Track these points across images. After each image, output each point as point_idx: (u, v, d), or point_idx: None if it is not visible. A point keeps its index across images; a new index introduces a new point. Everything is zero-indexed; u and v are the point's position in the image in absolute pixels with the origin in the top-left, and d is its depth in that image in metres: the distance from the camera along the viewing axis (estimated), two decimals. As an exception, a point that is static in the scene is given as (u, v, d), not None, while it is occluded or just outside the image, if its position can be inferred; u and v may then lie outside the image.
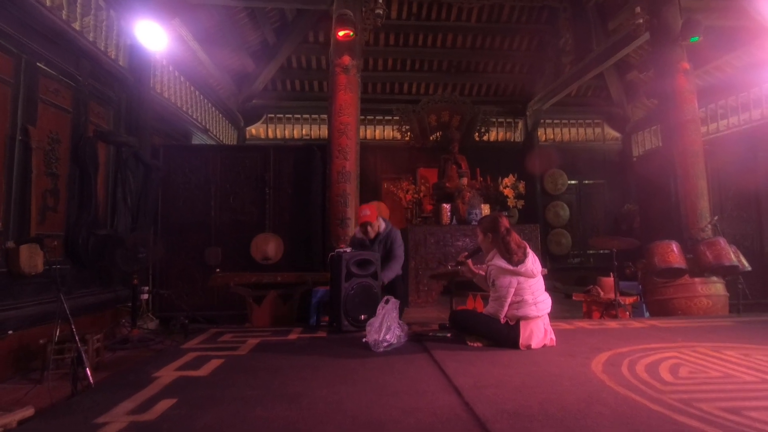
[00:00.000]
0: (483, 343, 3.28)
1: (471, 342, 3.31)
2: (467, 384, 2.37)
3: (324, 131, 8.80)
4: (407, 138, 9.34)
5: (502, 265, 3.21)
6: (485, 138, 9.61)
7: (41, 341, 2.99)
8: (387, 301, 3.36)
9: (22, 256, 3.24)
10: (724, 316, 4.88)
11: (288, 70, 9.54)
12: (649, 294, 5.28)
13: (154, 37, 4.96)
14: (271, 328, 4.24)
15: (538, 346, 3.18)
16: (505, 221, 3.38)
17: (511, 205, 7.17)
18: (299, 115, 9.87)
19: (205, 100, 7.77)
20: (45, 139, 3.72)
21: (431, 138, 9.25)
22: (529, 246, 3.36)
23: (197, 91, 7.42)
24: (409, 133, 9.29)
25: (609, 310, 4.76)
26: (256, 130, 9.77)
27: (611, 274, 4.80)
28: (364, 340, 3.28)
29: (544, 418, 1.92)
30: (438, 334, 3.63)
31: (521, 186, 7.32)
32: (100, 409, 2.10)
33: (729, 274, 5.17)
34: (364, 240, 4.33)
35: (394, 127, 9.60)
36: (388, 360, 2.95)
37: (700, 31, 5.42)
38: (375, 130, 10.00)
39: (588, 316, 5.12)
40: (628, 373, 2.54)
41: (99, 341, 3.27)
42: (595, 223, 9.95)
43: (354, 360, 2.96)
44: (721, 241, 5.16)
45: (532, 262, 3.24)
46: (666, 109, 5.87)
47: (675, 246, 5.12)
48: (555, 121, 10.28)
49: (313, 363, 2.90)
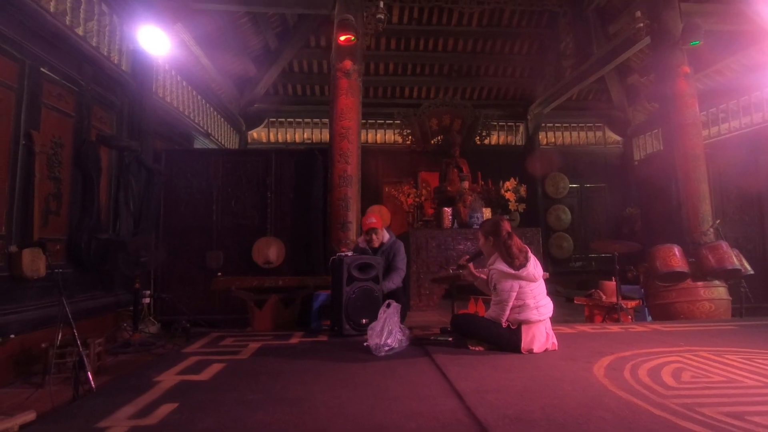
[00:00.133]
0: (484, 348, 3.27)
1: (472, 346, 3.30)
2: (469, 388, 2.36)
3: (325, 135, 8.81)
4: (408, 142, 9.35)
5: (503, 269, 3.21)
6: (486, 142, 9.63)
7: (43, 345, 3.00)
8: (388, 305, 3.36)
9: (25, 260, 3.25)
10: (727, 320, 4.87)
11: (289, 75, 9.58)
12: (652, 298, 5.27)
13: (156, 42, 4.99)
14: (272, 332, 4.23)
15: (539, 351, 3.17)
16: (506, 225, 3.37)
17: (512, 209, 7.17)
18: (301, 120, 9.91)
19: (207, 105, 7.80)
20: (48, 143, 3.74)
21: (432, 142, 9.25)
22: (530, 250, 3.35)
23: (199, 96, 7.45)
24: (410, 137, 9.29)
25: (611, 313, 4.75)
26: (258, 134, 9.80)
27: (613, 278, 4.79)
28: (365, 344, 3.27)
29: (546, 423, 1.92)
30: (439, 338, 3.62)
31: (522, 189, 7.32)
32: (102, 414, 2.10)
33: (731, 277, 5.16)
34: (366, 250, 4.32)
35: (396, 131, 9.62)
36: (390, 364, 2.94)
37: (700, 35, 5.43)
38: (376, 134, 10.03)
39: (590, 320, 5.11)
40: (631, 378, 2.53)
41: (100, 345, 3.28)
42: (596, 226, 9.94)
43: (355, 364, 2.95)
44: (724, 244, 5.15)
45: (534, 266, 3.23)
46: (667, 113, 5.88)
47: (677, 250, 5.12)
48: (556, 124, 10.29)
49: (315, 367, 2.90)
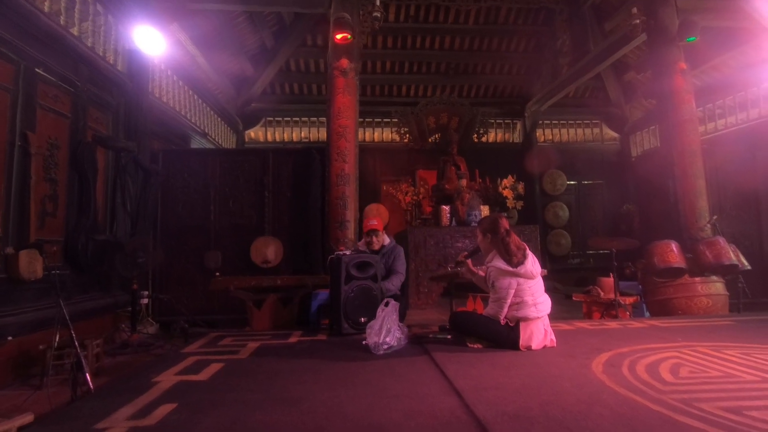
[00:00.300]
0: (483, 345, 3.28)
1: (471, 344, 3.31)
2: (468, 386, 2.37)
3: (323, 134, 8.80)
4: (406, 140, 9.34)
5: (501, 266, 3.21)
6: (484, 139, 9.61)
7: (41, 347, 2.99)
8: (387, 304, 3.36)
9: (22, 262, 3.24)
10: (724, 315, 4.88)
11: (286, 74, 9.56)
12: (649, 294, 5.28)
13: (152, 42, 4.97)
14: (271, 332, 4.23)
15: (538, 347, 3.18)
16: (504, 222, 3.37)
17: (510, 206, 7.17)
18: (298, 119, 9.88)
19: (204, 104, 7.78)
20: (44, 144, 3.72)
21: (430, 140, 9.24)
22: (528, 247, 3.35)
23: (196, 96, 7.43)
24: (407, 135, 9.28)
25: (609, 310, 4.77)
26: (255, 134, 9.78)
27: (611, 275, 4.80)
28: (364, 343, 3.28)
29: (544, 419, 1.92)
30: (438, 336, 3.62)
31: (520, 187, 7.32)
32: (100, 415, 2.09)
33: (729, 273, 5.17)
34: (366, 253, 4.31)
35: (393, 129, 9.60)
36: (389, 362, 2.95)
37: (696, 31, 5.44)
38: (374, 133, 10.01)
39: (588, 316, 5.12)
40: (629, 374, 2.54)
41: (99, 346, 3.27)
42: (594, 223, 9.95)
43: (354, 363, 2.95)
44: (721, 240, 5.17)
45: (532, 264, 3.24)
46: (664, 109, 5.88)
47: (674, 246, 5.13)
48: (553, 121, 10.29)
49: (314, 366, 2.90)
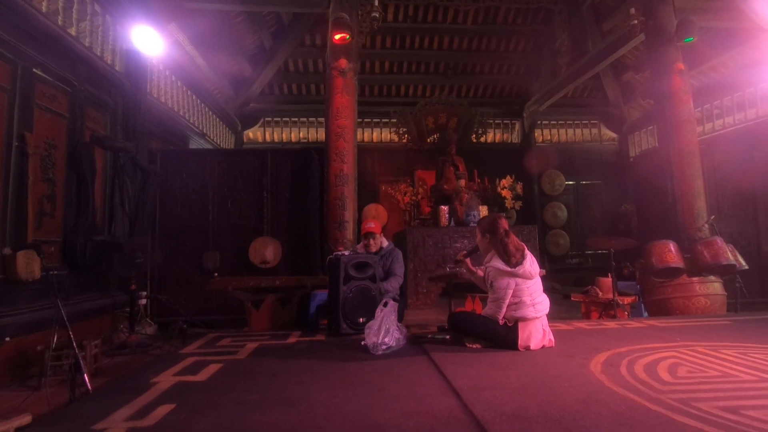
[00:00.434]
0: (482, 345, 3.28)
1: (470, 344, 3.31)
2: (466, 386, 2.37)
3: (321, 134, 8.79)
4: (405, 140, 9.35)
5: (499, 266, 3.22)
6: (482, 139, 9.64)
7: (39, 348, 2.98)
8: (385, 304, 3.36)
9: (19, 263, 3.23)
10: (722, 315, 4.89)
11: (285, 74, 9.56)
12: (648, 294, 5.29)
13: (150, 42, 4.96)
14: (269, 332, 4.23)
15: (536, 347, 3.18)
16: (504, 223, 3.37)
17: (508, 206, 7.18)
18: (296, 119, 9.88)
19: (203, 105, 7.77)
20: (41, 145, 3.71)
21: (428, 140, 9.25)
22: (527, 247, 3.36)
23: (194, 96, 7.42)
24: (406, 136, 9.29)
25: (607, 310, 4.77)
26: (254, 134, 9.77)
27: (609, 275, 4.81)
28: (362, 343, 3.27)
29: (543, 419, 1.93)
30: (437, 336, 3.63)
31: (519, 187, 7.33)
32: (99, 416, 2.09)
33: (726, 273, 5.19)
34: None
35: (392, 129, 9.61)
36: (387, 363, 2.95)
37: (694, 31, 5.45)
38: (372, 133, 10.01)
39: (586, 316, 5.13)
40: (627, 374, 2.54)
41: (97, 347, 3.27)
42: (592, 223, 9.97)
43: (353, 363, 2.95)
44: (719, 240, 5.18)
45: (530, 264, 3.24)
46: (662, 110, 5.90)
47: (672, 246, 5.15)
48: (552, 122, 10.30)
49: (312, 367, 2.90)
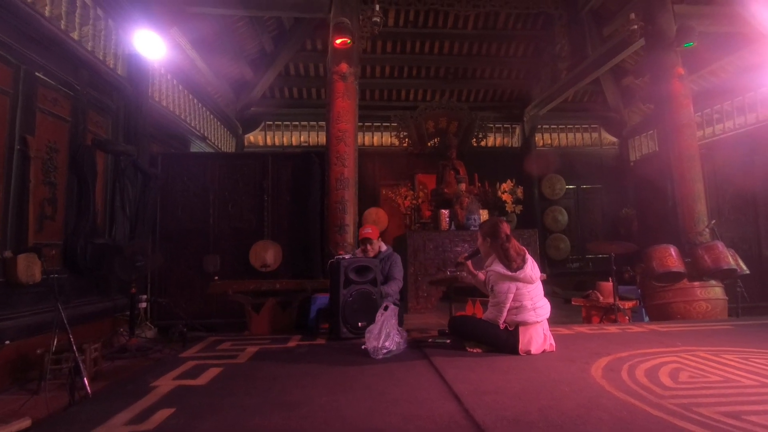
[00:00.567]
0: (482, 349, 3.28)
1: (470, 348, 3.30)
2: (467, 390, 2.36)
3: (322, 138, 8.81)
4: (405, 144, 9.37)
5: (500, 270, 3.21)
6: (483, 144, 9.66)
7: (39, 351, 2.97)
8: (386, 308, 3.35)
9: (20, 266, 3.23)
10: (723, 319, 4.88)
11: (286, 78, 9.59)
12: (648, 298, 5.28)
13: (152, 46, 4.98)
14: (270, 336, 4.22)
15: (537, 352, 3.17)
16: (505, 227, 3.36)
17: (509, 211, 7.19)
18: (297, 123, 9.91)
19: (204, 108, 7.79)
20: (43, 148, 3.72)
21: (429, 144, 9.27)
22: (528, 251, 3.36)
23: (195, 99, 7.44)
24: (407, 140, 9.32)
25: (608, 314, 4.76)
26: (255, 138, 9.79)
27: (610, 279, 4.80)
28: (363, 347, 3.26)
29: (543, 424, 1.92)
30: (437, 341, 3.62)
31: (519, 191, 7.34)
32: (98, 420, 2.08)
33: (727, 277, 5.18)
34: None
35: (392, 133, 9.64)
36: (388, 367, 2.94)
37: (694, 36, 5.47)
38: (373, 137, 10.03)
39: (587, 320, 5.11)
40: (628, 378, 2.53)
41: (97, 351, 3.26)
42: (593, 227, 9.97)
43: (353, 367, 2.95)
44: (719, 244, 5.17)
45: (531, 268, 3.24)
46: (662, 114, 5.91)
47: (673, 250, 5.14)
48: (552, 126, 10.32)
49: (312, 371, 2.89)
